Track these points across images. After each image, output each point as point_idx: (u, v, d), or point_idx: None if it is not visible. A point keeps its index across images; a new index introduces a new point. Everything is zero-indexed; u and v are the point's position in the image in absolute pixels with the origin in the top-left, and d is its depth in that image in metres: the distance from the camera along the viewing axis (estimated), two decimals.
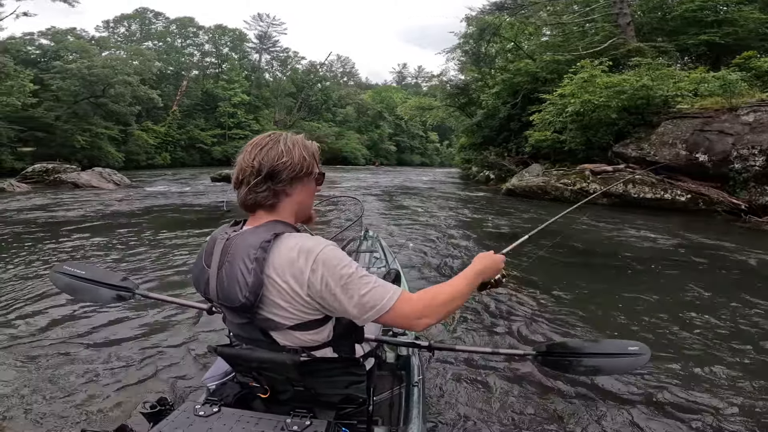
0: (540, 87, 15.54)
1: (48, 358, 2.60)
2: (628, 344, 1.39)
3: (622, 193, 10.19)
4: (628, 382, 2.45)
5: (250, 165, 1.04)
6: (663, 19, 16.13)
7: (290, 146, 1.08)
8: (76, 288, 1.64)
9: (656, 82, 11.09)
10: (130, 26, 48.31)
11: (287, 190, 1.07)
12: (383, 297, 0.98)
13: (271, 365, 1.05)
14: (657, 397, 2.34)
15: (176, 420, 1.00)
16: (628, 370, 2.14)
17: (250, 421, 0.99)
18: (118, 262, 5.00)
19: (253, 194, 1.05)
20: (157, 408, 1.10)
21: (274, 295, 0.98)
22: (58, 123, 25.93)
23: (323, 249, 0.98)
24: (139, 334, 2.94)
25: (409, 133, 65.95)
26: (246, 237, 1.02)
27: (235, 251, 1.00)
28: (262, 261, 0.96)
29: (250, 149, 1.06)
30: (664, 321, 3.39)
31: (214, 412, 1.02)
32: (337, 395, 1.11)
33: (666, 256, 5.63)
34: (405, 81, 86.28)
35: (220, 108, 45.06)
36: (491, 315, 3.48)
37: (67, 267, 1.68)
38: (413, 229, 7.44)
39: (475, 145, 21.60)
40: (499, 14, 19.29)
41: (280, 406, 1.11)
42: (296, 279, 0.96)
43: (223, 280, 1.01)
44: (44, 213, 9.04)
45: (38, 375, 2.41)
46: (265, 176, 1.04)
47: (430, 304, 1.03)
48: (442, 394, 2.33)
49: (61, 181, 15.85)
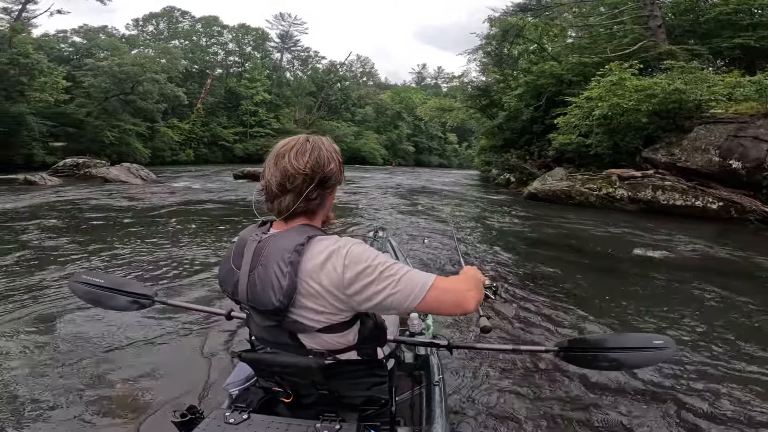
0: (565, 89, 15.30)
1: (68, 365, 2.57)
2: (652, 338, 1.36)
3: (650, 199, 9.96)
4: (655, 378, 2.43)
5: (302, 172, 1.00)
6: (695, 21, 15.68)
7: (331, 151, 1.07)
8: (96, 297, 1.65)
9: (689, 85, 10.79)
10: (158, 25, 49.49)
11: (329, 196, 1.09)
12: (421, 278, 0.98)
13: (295, 369, 1.06)
14: (684, 394, 2.31)
15: (207, 428, 1.00)
16: (652, 363, 2.09)
17: (279, 427, 0.99)
18: (140, 261, 4.99)
19: (305, 202, 1.02)
20: (187, 416, 1.10)
21: (306, 298, 0.98)
22: (88, 119, 26.77)
23: (352, 246, 0.98)
24: (158, 342, 2.94)
25: (428, 134, 65.71)
26: (279, 240, 1.01)
27: (268, 254, 0.99)
28: (296, 264, 0.96)
29: (295, 155, 1.02)
30: (690, 324, 3.35)
31: (243, 419, 1.02)
32: (360, 397, 1.11)
33: (694, 264, 5.50)
34: (424, 82, 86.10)
35: (243, 106, 45.82)
36: (512, 314, 3.49)
37: (85, 276, 1.68)
38: (429, 231, 7.41)
39: (496, 147, 21.41)
40: (522, 15, 19.08)
41: (304, 410, 1.12)
42: (331, 279, 0.96)
43: (255, 283, 1.00)
44: (72, 207, 9.35)
45: (57, 383, 2.39)
46: (318, 183, 1.03)
47: (458, 280, 1.05)
48: (462, 393, 2.31)
49: (91, 176, 16.36)
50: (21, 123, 20.92)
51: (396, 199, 13.08)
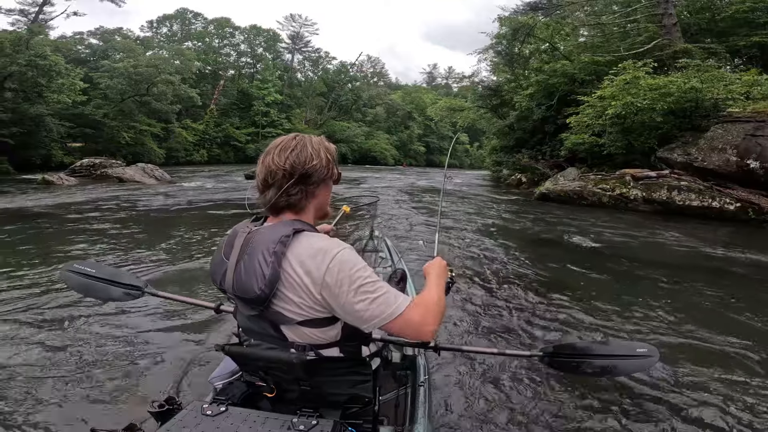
0: (577, 89, 15.16)
1: (55, 356, 2.59)
2: (636, 346, 1.38)
3: (665, 199, 9.81)
4: (637, 386, 2.42)
5: (281, 168, 1.04)
6: (711, 20, 15.43)
7: (317, 148, 1.10)
8: (87, 286, 1.67)
9: (706, 84, 10.62)
10: (172, 26, 50.30)
11: (315, 191, 1.10)
12: (393, 303, 0.99)
13: (278, 364, 1.06)
14: (667, 401, 2.29)
15: (184, 419, 1.00)
16: (635, 372, 2.10)
17: (257, 421, 0.99)
18: (142, 256, 5.12)
19: (285, 197, 1.06)
20: (165, 407, 1.10)
21: (288, 289, 1.00)
22: (105, 120, 27.22)
23: (341, 250, 0.99)
24: (147, 333, 2.95)
25: (439, 134, 65.57)
26: (266, 232, 1.04)
27: (255, 245, 1.02)
28: (280, 255, 0.99)
29: (278, 151, 1.06)
30: (689, 330, 3.27)
31: (221, 411, 1.02)
32: (343, 395, 1.11)
33: (710, 268, 5.40)
34: (435, 82, 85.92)
35: (255, 107, 46.30)
36: (498, 316, 3.47)
37: (77, 265, 1.70)
38: (435, 231, 7.36)
39: (507, 147, 21.26)
40: (533, 14, 18.92)
41: (287, 405, 1.12)
42: (311, 276, 0.98)
43: (240, 272, 1.02)
44: (86, 205, 9.57)
45: (45, 373, 2.41)
46: (298, 179, 1.05)
47: (427, 308, 1.05)
48: (447, 395, 2.32)
49: (107, 176, 16.69)
50: (40, 124, 21.34)
51: (400, 198, 13.08)
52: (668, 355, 2.77)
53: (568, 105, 14.86)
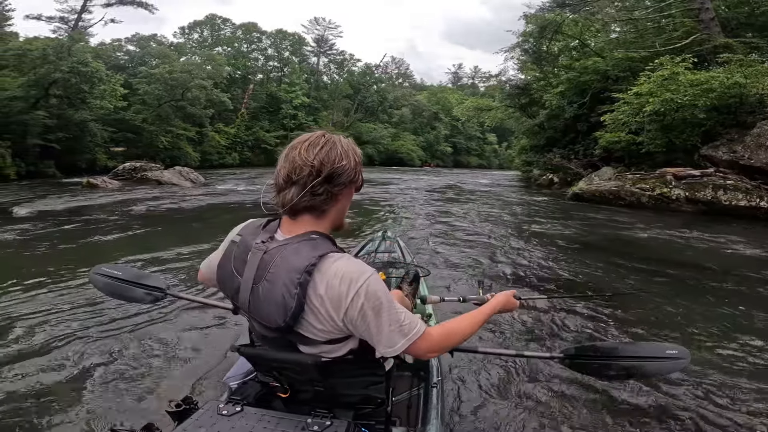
0: (611, 86, 14.77)
1: (75, 355, 2.63)
2: (666, 347, 1.31)
3: (710, 199, 9.45)
4: (661, 390, 2.31)
5: (309, 164, 0.97)
6: (751, 14, 14.76)
7: (346, 149, 1.03)
8: (113, 288, 1.70)
9: (750, 79, 10.17)
10: (202, 32, 51.87)
11: (338, 195, 1.03)
12: (408, 332, 0.99)
13: (292, 365, 1.06)
14: (693, 407, 2.17)
15: (200, 419, 1.01)
16: (664, 374, 2.00)
17: (271, 421, 1.00)
18: (170, 257, 5.26)
19: (309, 197, 0.98)
20: (182, 407, 1.11)
21: (310, 316, 0.97)
22: (144, 125, 28.33)
23: (368, 279, 0.95)
24: (165, 333, 2.99)
25: (466, 134, 65.00)
26: (288, 256, 0.97)
27: (276, 271, 0.96)
28: (306, 285, 0.94)
29: (305, 147, 0.99)
30: (723, 336, 3.10)
31: (236, 411, 1.03)
32: (357, 395, 1.11)
33: (744, 268, 5.18)
34: (461, 82, 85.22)
35: (283, 110, 47.23)
36: (518, 317, 3.34)
37: (104, 268, 1.74)
38: (462, 232, 7.28)
39: (538, 146, 20.93)
40: (560, 11, 18.53)
41: (300, 405, 1.12)
42: (333, 304, 0.95)
43: (259, 298, 0.98)
44: (126, 207, 10.05)
45: (65, 373, 2.44)
46: (325, 178, 0.98)
47: (441, 343, 1.07)
48: (461, 396, 2.28)
49: (146, 179, 17.40)
50: (84, 129, 22.38)
51: (430, 204, 13.05)
52: (705, 361, 2.63)
53: (602, 102, 14.52)
